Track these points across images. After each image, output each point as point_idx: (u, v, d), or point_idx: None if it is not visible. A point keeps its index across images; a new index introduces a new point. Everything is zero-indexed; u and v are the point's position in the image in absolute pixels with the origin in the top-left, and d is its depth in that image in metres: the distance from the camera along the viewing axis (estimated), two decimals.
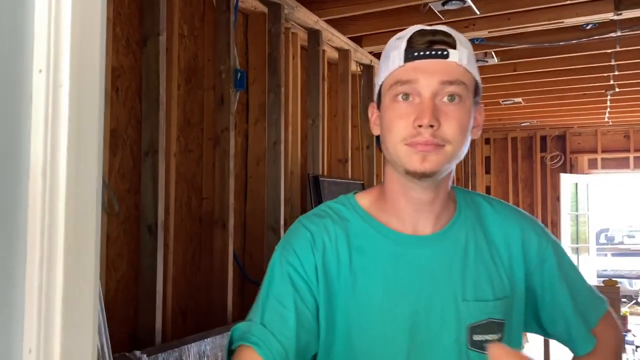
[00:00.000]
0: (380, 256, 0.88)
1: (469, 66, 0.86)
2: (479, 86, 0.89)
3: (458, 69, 0.85)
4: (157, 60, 1.91)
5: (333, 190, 3.06)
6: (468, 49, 0.87)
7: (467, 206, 0.95)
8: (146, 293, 1.87)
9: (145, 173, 1.92)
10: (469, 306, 0.86)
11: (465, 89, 0.85)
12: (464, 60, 0.85)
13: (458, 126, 0.84)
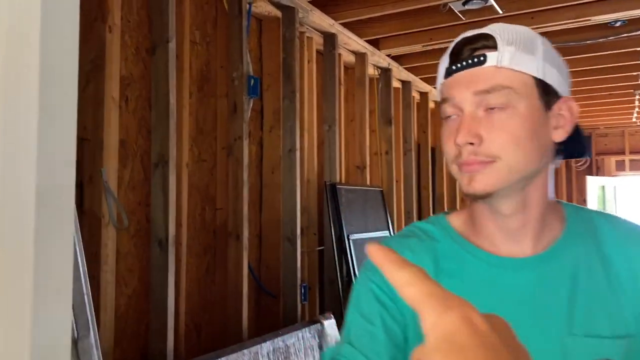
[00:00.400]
0: (472, 280, 0.80)
1: (516, 64, 0.75)
2: (544, 83, 0.76)
3: (497, 73, 0.75)
4: (166, 68, 1.84)
5: (350, 198, 2.97)
6: (515, 44, 0.75)
7: (579, 224, 0.81)
8: (157, 311, 1.80)
9: (155, 185, 1.85)
10: (577, 342, 0.75)
11: (512, 93, 0.75)
12: (505, 61, 0.75)
13: (506, 137, 0.75)
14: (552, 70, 0.75)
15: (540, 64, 0.74)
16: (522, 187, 0.77)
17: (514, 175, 0.76)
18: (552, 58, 0.77)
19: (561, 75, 0.77)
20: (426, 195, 4.51)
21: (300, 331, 2.21)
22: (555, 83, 0.76)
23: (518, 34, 0.77)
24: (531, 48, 0.75)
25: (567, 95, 0.77)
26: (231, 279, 2.20)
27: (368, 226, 3.09)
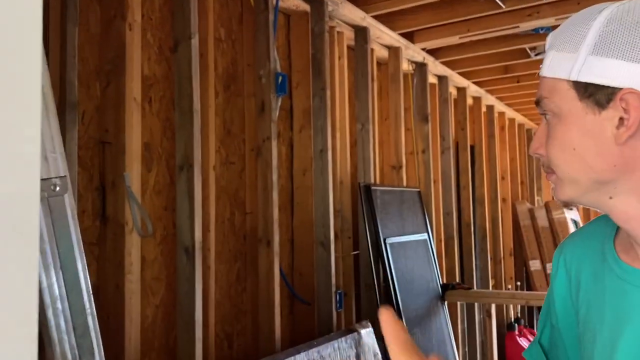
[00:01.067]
0: (604, 289, 0.76)
1: (551, 71, 0.72)
2: (582, 84, 0.68)
3: (543, 82, 0.74)
4: (189, 66, 1.75)
5: (386, 200, 2.83)
6: (556, 46, 0.72)
7: None
8: (185, 322, 1.71)
9: (180, 189, 1.76)
10: None
11: (551, 102, 0.72)
12: (543, 70, 0.73)
13: (556, 146, 0.73)
14: (603, 61, 0.67)
15: (580, 61, 0.68)
16: (608, 196, 0.72)
17: (581, 186, 0.72)
18: (610, 41, 0.67)
19: (630, 57, 0.66)
20: (466, 195, 4.33)
21: (337, 341, 2.08)
22: (605, 77, 0.67)
23: (567, 28, 0.72)
24: (576, 42, 0.69)
25: (629, 86, 0.66)
26: (262, 287, 2.09)
27: (405, 229, 2.95)
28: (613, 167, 0.69)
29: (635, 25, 0.66)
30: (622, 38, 0.67)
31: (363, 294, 2.72)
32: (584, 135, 0.70)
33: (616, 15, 0.68)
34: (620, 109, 0.67)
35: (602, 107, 0.68)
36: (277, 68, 2.14)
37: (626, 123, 0.67)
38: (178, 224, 1.77)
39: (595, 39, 0.68)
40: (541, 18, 2.91)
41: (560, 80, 0.71)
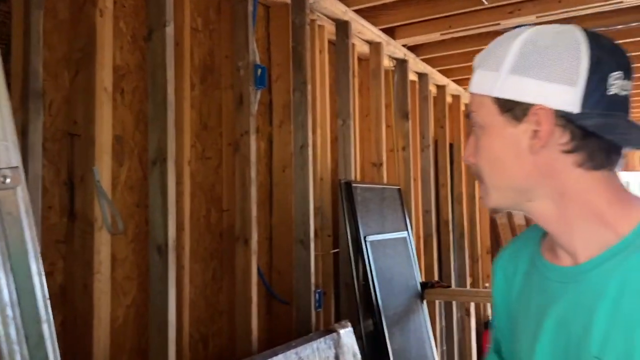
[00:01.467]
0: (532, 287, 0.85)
1: (476, 88, 0.80)
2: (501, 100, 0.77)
3: (472, 98, 0.82)
4: (163, 55, 1.67)
5: (367, 197, 2.78)
6: (482, 65, 0.80)
7: None
8: (157, 324, 1.63)
9: (153, 185, 1.68)
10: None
11: (478, 116, 0.80)
12: (472, 86, 0.81)
13: (482, 156, 0.81)
14: (519, 80, 0.74)
15: (501, 79, 0.76)
16: (527, 200, 0.79)
17: (503, 192, 0.80)
18: (528, 62, 0.75)
19: (541, 77, 0.74)
20: (445, 193, 4.31)
21: (315, 342, 2.03)
22: (521, 94, 0.75)
23: (492, 48, 0.79)
24: (498, 62, 0.76)
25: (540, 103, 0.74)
26: (239, 286, 2.02)
27: (386, 227, 2.90)
28: (529, 174, 0.77)
29: (546, 48, 0.74)
30: (535, 59, 0.74)
31: (342, 293, 2.67)
32: (504, 145, 0.77)
33: (531, 39, 0.75)
34: (533, 123, 0.74)
35: (519, 121, 0.75)
36: (256, 60, 2.07)
37: (538, 135, 0.74)
38: (150, 221, 1.69)
39: (513, 59, 0.75)
40: (522, 16, 2.89)
41: (485, 96, 0.78)
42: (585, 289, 0.75)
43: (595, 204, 0.75)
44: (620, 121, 0.73)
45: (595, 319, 0.72)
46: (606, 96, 0.72)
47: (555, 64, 0.73)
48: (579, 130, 0.73)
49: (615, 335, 0.70)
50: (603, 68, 0.72)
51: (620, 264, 0.72)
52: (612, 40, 0.76)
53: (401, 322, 2.80)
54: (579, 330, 0.74)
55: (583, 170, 0.75)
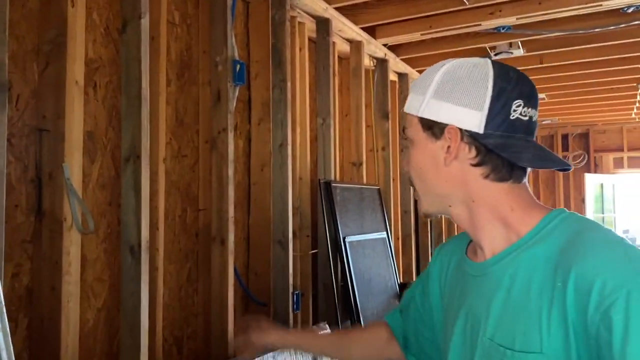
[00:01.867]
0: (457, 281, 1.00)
1: (407, 108, 0.94)
2: (424, 120, 0.90)
3: (406, 116, 0.95)
4: (138, 48, 1.61)
5: (346, 197, 2.75)
6: (414, 89, 0.93)
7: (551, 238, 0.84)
8: (129, 327, 1.57)
9: (126, 183, 1.62)
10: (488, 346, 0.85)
11: (409, 132, 0.94)
12: (405, 106, 0.94)
13: (412, 166, 0.94)
14: (439, 104, 0.88)
15: (425, 102, 0.89)
16: (448, 205, 0.93)
17: (430, 198, 0.94)
18: (447, 89, 0.88)
19: (459, 102, 0.87)
20: None
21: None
22: (438, 115, 0.88)
23: (421, 77, 0.93)
24: (423, 89, 0.90)
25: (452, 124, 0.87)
26: (215, 288, 1.97)
27: (365, 227, 2.88)
28: (445, 183, 0.90)
29: (461, 78, 0.88)
30: (451, 87, 0.88)
31: (321, 294, 2.63)
32: (426, 158, 0.91)
33: (450, 70, 0.89)
34: (447, 140, 0.88)
35: (437, 138, 0.89)
36: (235, 56, 2.01)
37: (449, 150, 0.88)
38: (123, 221, 1.63)
39: (435, 86, 0.89)
40: (503, 17, 2.89)
41: (413, 116, 0.92)
42: (487, 281, 0.89)
43: (499, 210, 0.88)
44: (518, 142, 0.86)
45: (492, 307, 0.85)
46: (508, 120, 0.86)
47: (467, 92, 0.87)
48: (483, 147, 0.86)
49: (506, 319, 0.83)
50: (506, 97, 0.86)
51: (515, 259, 0.85)
52: (519, 72, 0.89)
53: None
54: (480, 317, 0.87)
55: (489, 181, 0.88)
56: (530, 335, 0.78)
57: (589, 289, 0.73)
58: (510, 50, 3.45)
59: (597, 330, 0.72)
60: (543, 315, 0.78)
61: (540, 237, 0.84)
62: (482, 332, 0.86)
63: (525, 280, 0.82)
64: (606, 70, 4.07)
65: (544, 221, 0.86)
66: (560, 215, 0.86)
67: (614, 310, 0.70)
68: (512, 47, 3.44)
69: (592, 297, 0.72)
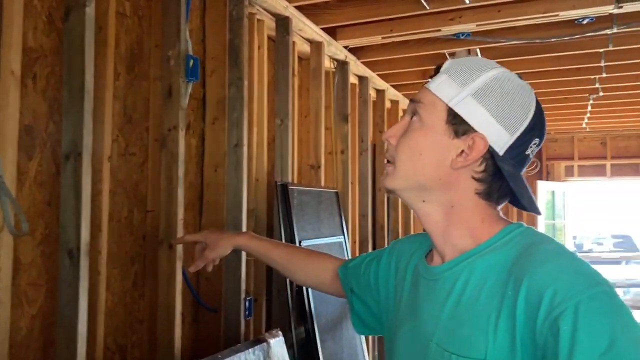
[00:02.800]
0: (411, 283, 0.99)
1: (436, 89, 0.88)
2: (456, 114, 0.86)
3: (424, 92, 0.90)
4: (82, 38, 1.51)
5: (304, 201, 2.69)
6: (450, 73, 0.88)
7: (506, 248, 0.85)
8: (65, 336, 1.46)
9: (65, 181, 1.51)
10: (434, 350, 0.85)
11: (425, 109, 0.88)
12: (431, 85, 0.89)
13: (408, 144, 0.89)
14: (475, 106, 0.85)
15: (462, 95, 0.85)
16: (422, 199, 0.90)
17: (408, 182, 0.90)
18: (490, 97, 0.85)
19: (495, 116, 0.85)
20: (381, 198, 4.30)
21: (244, 353, 1.91)
22: (471, 117, 0.85)
23: (461, 66, 0.88)
24: (465, 80, 0.86)
25: (483, 134, 0.85)
26: (162, 293, 1.87)
27: (322, 231, 2.82)
28: (438, 180, 0.88)
29: (508, 93, 0.86)
30: (495, 97, 0.85)
31: (275, 300, 2.56)
32: (433, 147, 0.87)
33: (500, 78, 0.86)
34: (467, 144, 0.86)
35: (457, 136, 0.86)
36: (189, 50, 1.93)
37: (465, 156, 0.86)
38: (62, 222, 1.52)
39: (479, 86, 0.85)
40: (463, 23, 2.90)
41: (441, 101, 0.87)
42: (440, 286, 0.89)
43: (472, 221, 0.89)
44: (520, 177, 0.88)
45: (442, 311, 0.86)
46: (523, 154, 0.87)
47: (508, 110, 0.85)
48: (494, 168, 0.86)
49: (454, 324, 0.83)
50: (534, 132, 0.87)
51: (469, 265, 0.86)
52: (545, 115, 0.91)
53: (334, 328, 2.73)
54: (429, 320, 0.88)
55: (477, 197, 0.88)
56: (477, 341, 0.79)
57: (539, 299, 0.73)
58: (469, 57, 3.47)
59: (544, 339, 0.72)
60: (490, 322, 0.79)
61: (496, 247, 0.86)
62: (429, 335, 0.86)
63: (476, 287, 0.83)
64: (560, 80, 4.16)
65: (503, 232, 0.87)
66: (518, 229, 0.87)
67: (562, 320, 0.70)
68: (470, 54, 3.47)
69: (542, 307, 0.73)
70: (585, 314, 0.70)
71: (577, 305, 0.70)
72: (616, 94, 4.64)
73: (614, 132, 6.76)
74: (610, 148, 6.81)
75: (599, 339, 0.68)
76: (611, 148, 6.81)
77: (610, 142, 6.82)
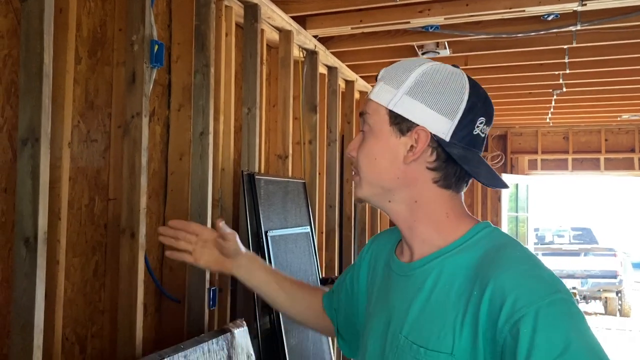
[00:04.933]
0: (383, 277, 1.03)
1: (376, 97, 0.94)
2: (394, 114, 0.91)
3: (368, 102, 0.96)
4: (40, 19, 1.45)
5: (270, 191, 2.68)
6: (385, 79, 0.93)
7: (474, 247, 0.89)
8: (20, 327, 1.42)
9: (22, 168, 1.46)
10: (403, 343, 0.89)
11: (371, 118, 0.93)
12: (373, 94, 0.95)
13: (364, 153, 0.94)
14: (411, 102, 0.90)
15: (398, 96, 0.90)
16: (388, 200, 0.94)
17: (373, 188, 0.94)
18: (423, 91, 0.90)
19: (432, 106, 0.89)
20: (348, 189, 4.32)
21: (207, 343, 1.89)
22: (410, 113, 0.90)
23: (395, 69, 0.93)
24: (398, 83, 0.91)
25: (424, 126, 0.90)
26: (124, 283, 1.84)
27: (288, 221, 2.82)
28: (397, 179, 0.92)
29: (439, 83, 0.90)
30: (428, 89, 0.90)
31: (240, 291, 2.55)
32: (385, 150, 0.92)
33: (429, 72, 0.91)
34: (413, 139, 0.90)
35: (402, 134, 0.91)
36: (153, 35, 1.88)
37: (413, 150, 0.90)
38: (18, 210, 1.47)
39: (411, 84, 0.90)
40: (432, 16, 2.92)
41: (381, 106, 0.92)
42: (411, 283, 0.92)
43: (437, 214, 0.92)
44: (475, 156, 0.92)
45: (412, 307, 0.89)
46: (471, 134, 0.91)
47: (442, 98, 0.89)
48: (444, 154, 0.90)
49: (423, 319, 0.87)
50: (475, 112, 0.90)
51: (439, 264, 0.89)
52: (485, 91, 0.94)
53: None
54: (399, 314, 0.91)
55: (436, 186, 0.92)
56: (445, 336, 0.83)
57: (502, 302, 0.78)
58: (437, 50, 3.50)
59: (504, 339, 0.77)
60: (458, 320, 0.83)
61: (465, 247, 0.89)
62: (399, 329, 0.90)
63: (446, 285, 0.87)
64: (525, 75, 4.24)
65: (471, 232, 0.91)
66: (486, 229, 0.91)
67: (522, 323, 0.75)
68: (439, 47, 3.50)
69: (504, 310, 0.77)
70: (544, 319, 0.74)
71: (537, 311, 0.75)
72: (579, 89, 4.75)
73: (576, 128, 6.93)
74: (572, 143, 6.99)
75: (555, 342, 0.73)
76: (573, 143, 6.99)
77: (572, 137, 6.99)
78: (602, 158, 6.88)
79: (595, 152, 6.90)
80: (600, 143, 6.87)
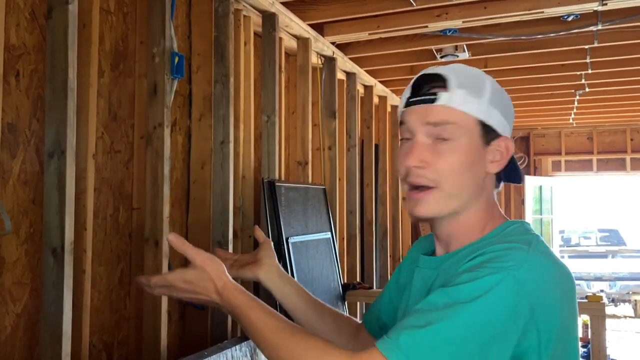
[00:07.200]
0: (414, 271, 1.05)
1: (463, 106, 0.89)
2: (487, 125, 0.91)
3: (446, 111, 0.90)
4: (65, 35, 1.49)
5: (291, 197, 2.70)
6: (466, 87, 0.90)
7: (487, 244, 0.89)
8: (49, 335, 1.46)
9: (49, 180, 1.50)
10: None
11: (457, 129, 0.89)
12: (453, 102, 0.89)
13: (447, 165, 0.89)
14: (494, 112, 0.91)
15: (485, 107, 0.90)
16: (458, 211, 0.93)
17: (453, 202, 0.91)
18: (498, 100, 0.92)
19: (504, 115, 0.92)
20: (369, 194, 4.31)
21: (230, 350, 1.91)
22: (496, 124, 0.91)
23: (468, 77, 0.92)
24: (479, 91, 0.90)
25: (505, 135, 0.93)
26: (148, 292, 1.87)
27: (309, 227, 2.83)
28: (477, 188, 0.93)
29: (500, 90, 0.95)
30: (501, 99, 0.93)
31: (262, 296, 2.56)
32: (470, 162, 0.90)
33: (492, 79, 0.94)
34: (501, 149, 0.92)
35: (488, 145, 0.92)
36: (174, 47, 1.92)
37: (499, 159, 0.92)
38: (45, 221, 1.51)
39: (490, 93, 0.91)
40: (450, 20, 2.91)
41: (469, 116, 0.90)
42: (439, 274, 0.93)
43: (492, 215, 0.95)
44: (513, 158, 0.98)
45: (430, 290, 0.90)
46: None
47: (507, 105, 0.94)
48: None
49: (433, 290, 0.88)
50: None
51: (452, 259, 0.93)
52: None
53: None
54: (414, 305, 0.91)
55: (492, 189, 0.97)
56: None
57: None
58: (456, 54, 3.49)
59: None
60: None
61: (486, 241, 0.91)
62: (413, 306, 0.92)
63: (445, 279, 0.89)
64: (546, 76, 4.19)
65: (499, 229, 0.93)
66: (514, 224, 0.94)
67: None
68: (457, 50, 3.48)
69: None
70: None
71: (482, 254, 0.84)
72: (602, 89, 4.68)
73: (600, 128, 6.82)
74: (597, 143, 6.87)
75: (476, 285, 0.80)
76: (597, 143, 6.87)
77: (596, 137, 6.88)
78: (628, 158, 6.75)
79: (620, 152, 6.77)
80: (625, 143, 6.74)
